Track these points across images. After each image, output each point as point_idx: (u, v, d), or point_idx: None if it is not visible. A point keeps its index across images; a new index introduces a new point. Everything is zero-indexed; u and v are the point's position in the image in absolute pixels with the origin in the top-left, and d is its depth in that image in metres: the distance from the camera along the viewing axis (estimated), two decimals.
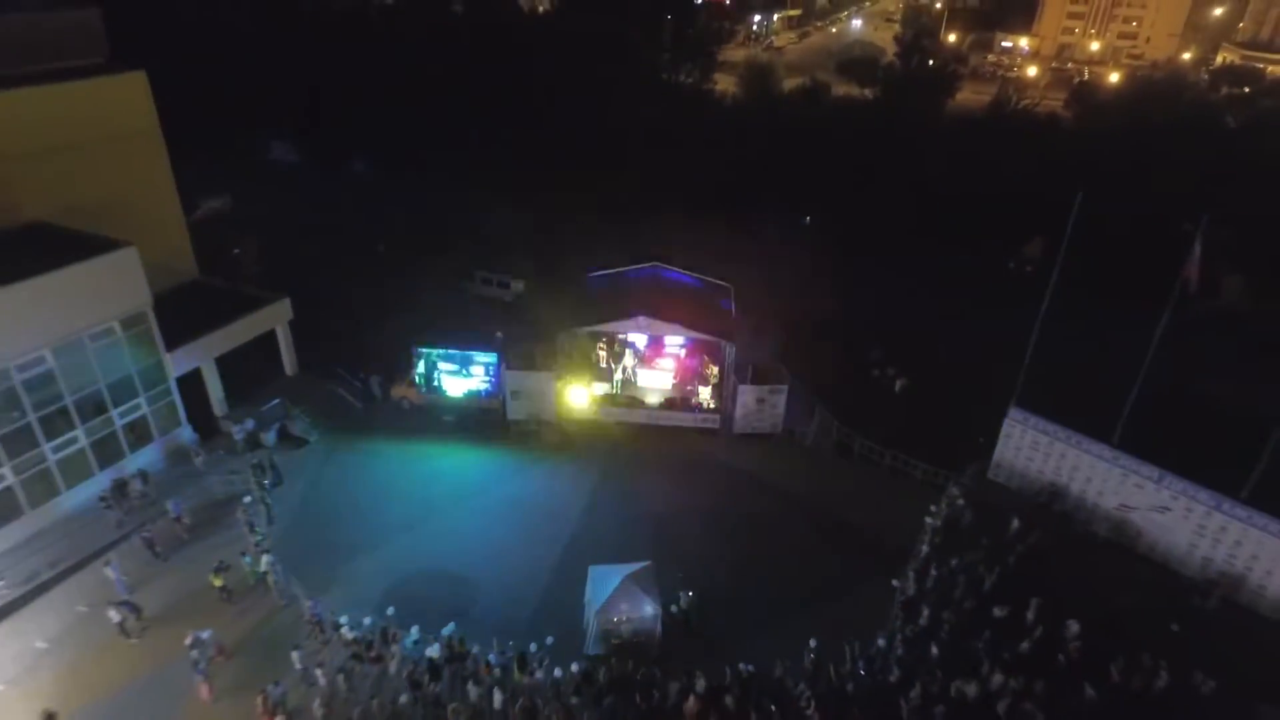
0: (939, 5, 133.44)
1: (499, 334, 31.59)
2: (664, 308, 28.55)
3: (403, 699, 17.44)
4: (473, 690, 17.78)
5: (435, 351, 27.91)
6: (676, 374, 29.61)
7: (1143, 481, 22.97)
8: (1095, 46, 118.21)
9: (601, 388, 29.46)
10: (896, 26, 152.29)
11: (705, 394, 29.14)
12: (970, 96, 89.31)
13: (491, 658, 18.37)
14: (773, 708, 17.53)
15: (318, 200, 49.87)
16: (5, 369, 20.48)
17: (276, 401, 27.58)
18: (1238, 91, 64.45)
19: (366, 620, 19.14)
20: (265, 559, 20.85)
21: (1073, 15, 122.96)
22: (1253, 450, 20.77)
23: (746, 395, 27.73)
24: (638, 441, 28.05)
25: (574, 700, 17.76)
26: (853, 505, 24.85)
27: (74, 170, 24.88)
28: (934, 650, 19.11)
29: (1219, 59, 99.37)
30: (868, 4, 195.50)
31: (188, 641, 18.36)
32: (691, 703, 17.47)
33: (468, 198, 48.49)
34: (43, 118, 23.96)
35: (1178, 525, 22.65)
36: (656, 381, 29.63)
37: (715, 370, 29.15)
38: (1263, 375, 26.91)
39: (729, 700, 17.57)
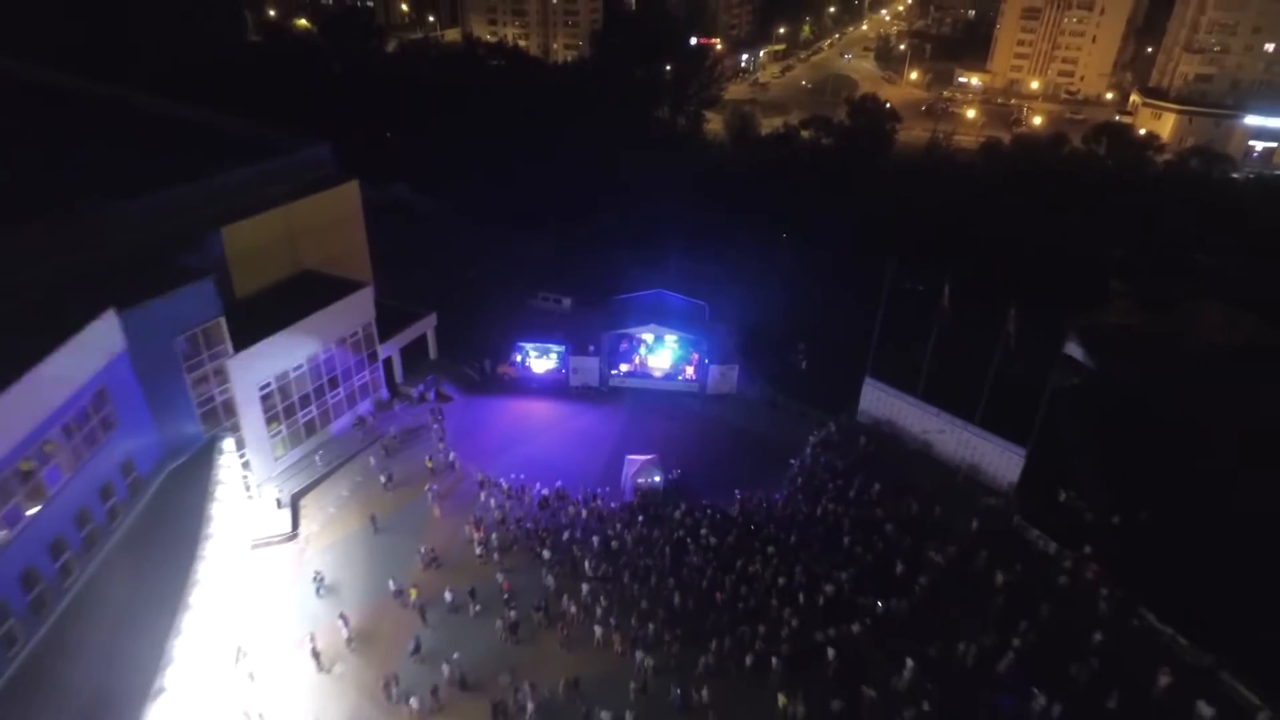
0: (903, 47, 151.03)
1: (559, 333, 49.79)
2: (664, 318, 46.75)
3: (538, 513, 35.77)
4: (569, 510, 36.02)
5: (528, 344, 46.21)
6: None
7: (930, 416, 41.15)
8: (1035, 85, 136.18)
9: (625, 366, 47.68)
10: (871, 55, 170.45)
11: (689, 370, 47.34)
12: (920, 134, 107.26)
13: (578, 496, 36.68)
14: (719, 516, 35.81)
15: (392, 234, 66.96)
16: (316, 354, 38.66)
17: (431, 376, 45.76)
18: (1112, 145, 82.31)
19: (512, 477, 37.46)
20: (452, 454, 39.16)
21: (1019, 55, 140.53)
22: (979, 394, 38.74)
23: (714, 370, 45.98)
24: (648, 399, 46.30)
25: (621, 515, 36.07)
26: (773, 432, 43.18)
27: (322, 238, 42.90)
28: (800, 497, 37.41)
29: (1130, 100, 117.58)
30: (850, 29, 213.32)
31: (426, 489, 36.65)
32: (679, 514, 35.73)
33: (527, 234, 66.66)
34: (311, 210, 41.86)
35: (948, 440, 40.80)
36: (659, 362, 47.83)
37: (695, 356, 47.35)
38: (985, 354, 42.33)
39: (696, 514, 35.86)
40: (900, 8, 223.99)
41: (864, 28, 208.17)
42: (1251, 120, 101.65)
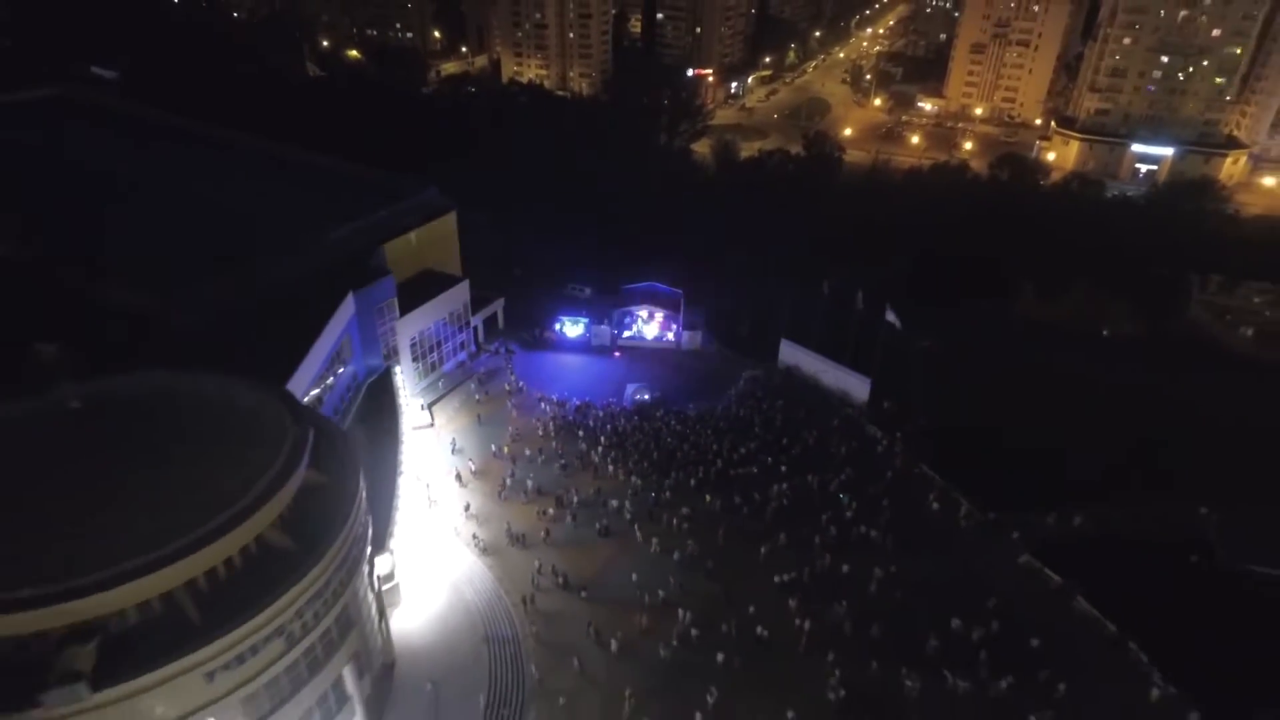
0: (868, 78, 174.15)
1: (584, 310, 74.09)
2: (655, 300, 71.01)
3: (575, 414, 60.25)
4: (593, 412, 60.43)
5: (564, 317, 70.63)
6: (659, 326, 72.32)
7: (820, 361, 65.13)
8: (979, 111, 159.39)
9: (628, 332, 71.96)
10: (847, 79, 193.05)
11: (670, 334, 71.56)
12: (874, 155, 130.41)
13: (599, 405, 61.18)
14: (683, 415, 60.16)
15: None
16: (439, 323, 63.07)
17: (501, 338, 70.25)
18: (1012, 170, 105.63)
19: (558, 394, 62.03)
20: (521, 382, 63.72)
21: (969, 83, 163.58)
22: (847, 345, 62.62)
23: (686, 334, 70.29)
24: (642, 353, 70.58)
25: (624, 414, 60.47)
26: (721, 373, 67.48)
27: (433, 248, 67.19)
28: (732, 407, 61.68)
29: (1050, 125, 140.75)
30: (835, 49, 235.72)
31: (507, 402, 61.18)
32: (660, 413, 60.10)
33: (554, 241, 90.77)
34: (429, 231, 66.03)
35: (829, 375, 64.75)
36: (652, 330, 71.98)
37: (674, 326, 71.64)
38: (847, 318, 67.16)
39: (669, 414, 60.21)
40: (882, 30, 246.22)
41: (841, 55, 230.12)
42: (1138, 147, 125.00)
